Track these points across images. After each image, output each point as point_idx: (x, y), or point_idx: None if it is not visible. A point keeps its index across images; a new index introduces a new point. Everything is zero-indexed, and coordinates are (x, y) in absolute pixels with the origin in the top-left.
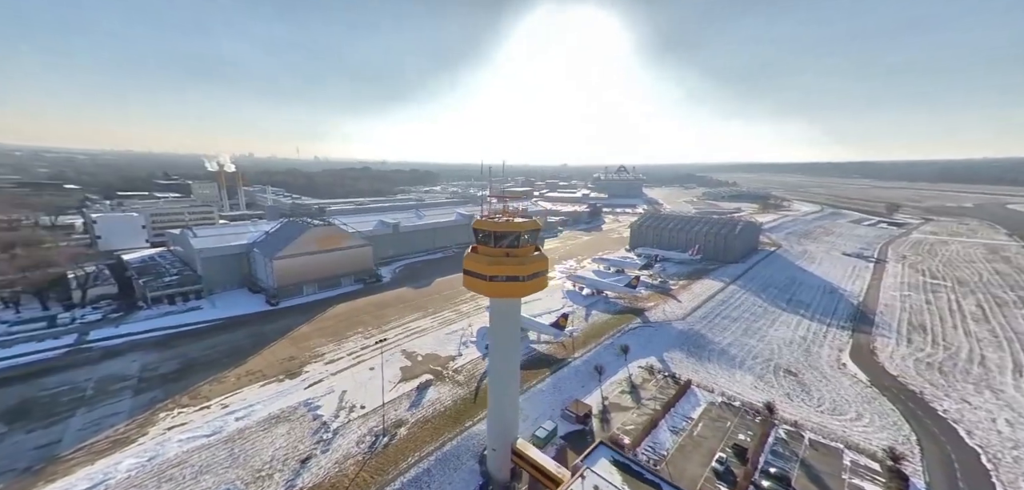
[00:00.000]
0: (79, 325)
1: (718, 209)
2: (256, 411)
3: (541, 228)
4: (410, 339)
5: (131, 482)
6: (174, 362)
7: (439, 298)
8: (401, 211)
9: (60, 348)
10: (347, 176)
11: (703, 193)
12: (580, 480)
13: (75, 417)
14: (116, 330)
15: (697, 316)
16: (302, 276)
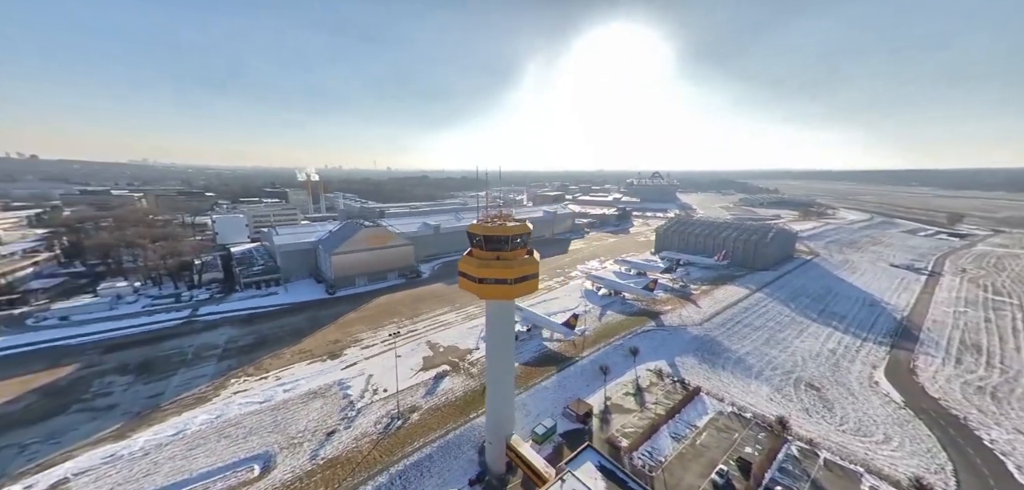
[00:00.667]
0: (193, 302)
1: (754, 215)
2: (300, 385)
3: (530, 232)
4: (436, 331)
5: (200, 434)
6: (250, 337)
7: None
8: (443, 214)
9: (178, 319)
10: (408, 183)
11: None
12: (559, 482)
13: (176, 376)
14: (217, 308)
15: (715, 322)
16: (355, 270)
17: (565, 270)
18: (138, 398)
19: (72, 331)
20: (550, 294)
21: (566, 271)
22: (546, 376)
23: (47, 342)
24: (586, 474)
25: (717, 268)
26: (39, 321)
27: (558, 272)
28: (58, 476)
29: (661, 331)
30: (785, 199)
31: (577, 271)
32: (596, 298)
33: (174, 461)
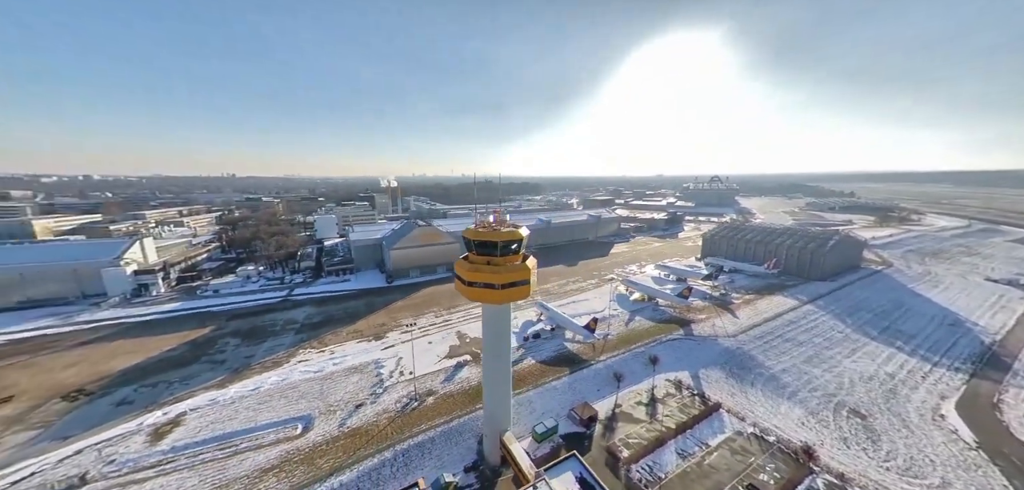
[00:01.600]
0: (291, 284)
1: (820, 220)
2: (346, 361)
3: (521, 239)
4: (467, 322)
5: (268, 393)
6: (320, 316)
7: None
8: None
9: (278, 297)
10: (472, 188)
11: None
12: (531, 488)
13: (266, 343)
14: (306, 290)
15: (752, 334)
16: (410, 263)
17: (602, 273)
18: (238, 358)
19: (217, 301)
20: (582, 295)
21: (603, 274)
22: (558, 376)
23: (202, 308)
24: (564, 482)
25: (766, 277)
26: (203, 292)
27: (594, 274)
28: (180, 410)
29: (689, 341)
30: (860, 203)
31: (614, 274)
32: (627, 303)
33: (248, 411)
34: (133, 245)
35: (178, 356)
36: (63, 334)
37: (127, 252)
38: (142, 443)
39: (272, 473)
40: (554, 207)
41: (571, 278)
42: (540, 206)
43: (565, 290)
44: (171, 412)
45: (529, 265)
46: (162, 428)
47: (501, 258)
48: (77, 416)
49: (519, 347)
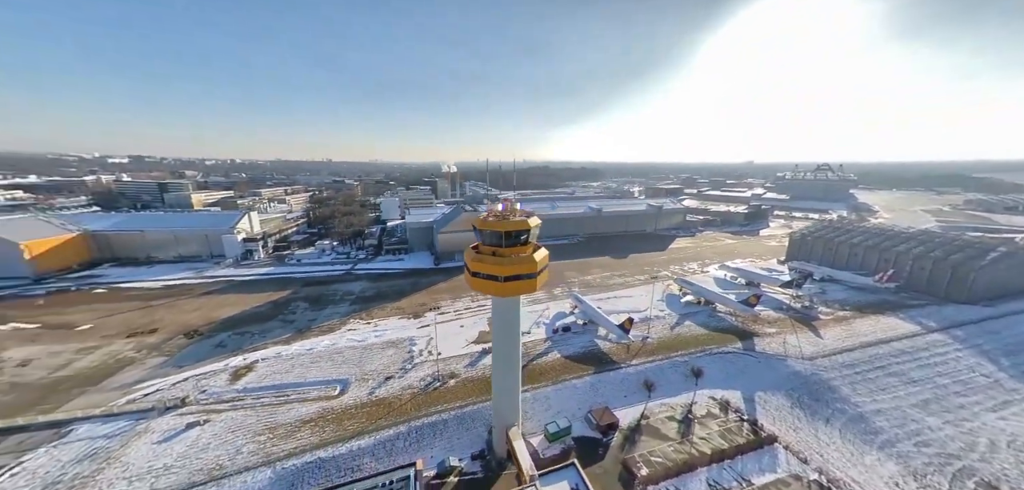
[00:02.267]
0: (355, 260)
1: (987, 224)
2: (386, 334)
3: (528, 229)
4: None
5: (319, 354)
6: (373, 291)
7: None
8: (542, 202)
9: (343, 270)
10: (530, 173)
11: (967, 201)
12: None
13: (326, 310)
14: (366, 266)
15: (838, 360)
16: (456, 247)
17: (654, 269)
18: (303, 320)
19: (298, 269)
20: (625, 291)
21: (656, 270)
22: (581, 375)
23: (286, 274)
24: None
25: (876, 292)
26: (289, 261)
27: (644, 270)
28: (254, 358)
29: (748, 357)
30: None
31: (668, 272)
32: (677, 304)
33: (301, 368)
34: (243, 218)
35: (262, 312)
36: (194, 284)
37: (238, 223)
38: (225, 380)
39: (309, 425)
40: (612, 195)
41: (618, 272)
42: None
43: (608, 284)
44: (248, 359)
45: (537, 258)
46: (240, 370)
47: (506, 249)
48: (190, 351)
49: (546, 339)
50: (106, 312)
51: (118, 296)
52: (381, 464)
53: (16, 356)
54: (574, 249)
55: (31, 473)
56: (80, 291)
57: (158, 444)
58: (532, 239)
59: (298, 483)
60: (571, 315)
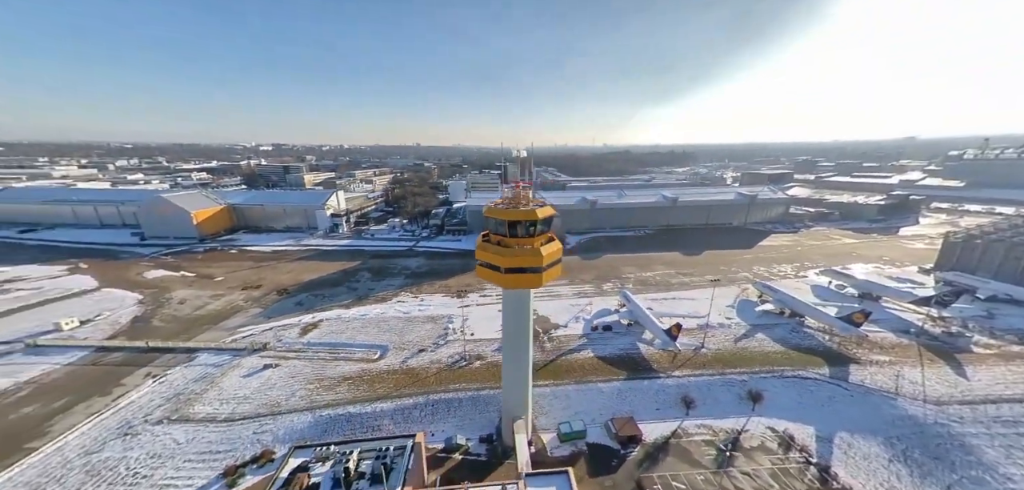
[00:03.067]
0: (417, 237)
1: None
2: (428, 309)
3: (536, 219)
4: (540, 299)
5: (370, 321)
6: (427, 268)
7: (594, 272)
8: (607, 190)
9: (405, 246)
10: (606, 158)
11: None
12: (514, 486)
13: (384, 281)
14: (427, 244)
15: (989, 412)
16: None
17: (734, 270)
18: (364, 288)
19: (370, 243)
20: (689, 292)
21: (734, 271)
22: (611, 378)
23: (359, 247)
24: None
25: None
26: (364, 235)
27: (720, 269)
28: (321, 317)
29: (834, 386)
30: None
31: (749, 273)
32: (750, 313)
33: (352, 331)
34: (332, 196)
35: (334, 279)
36: (293, 250)
37: (328, 201)
38: (296, 334)
39: (347, 382)
40: (698, 182)
41: (685, 270)
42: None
43: (670, 283)
44: (316, 318)
45: (545, 251)
46: (308, 327)
47: (512, 239)
48: (278, 306)
49: (583, 335)
50: (232, 268)
51: (242, 256)
52: (397, 428)
53: (178, 296)
54: (640, 242)
55: (169, 383)
56: (222, 250)
57: (243, 378)
58: (540, 231)
59: (329, 431)
60: (616, 313)
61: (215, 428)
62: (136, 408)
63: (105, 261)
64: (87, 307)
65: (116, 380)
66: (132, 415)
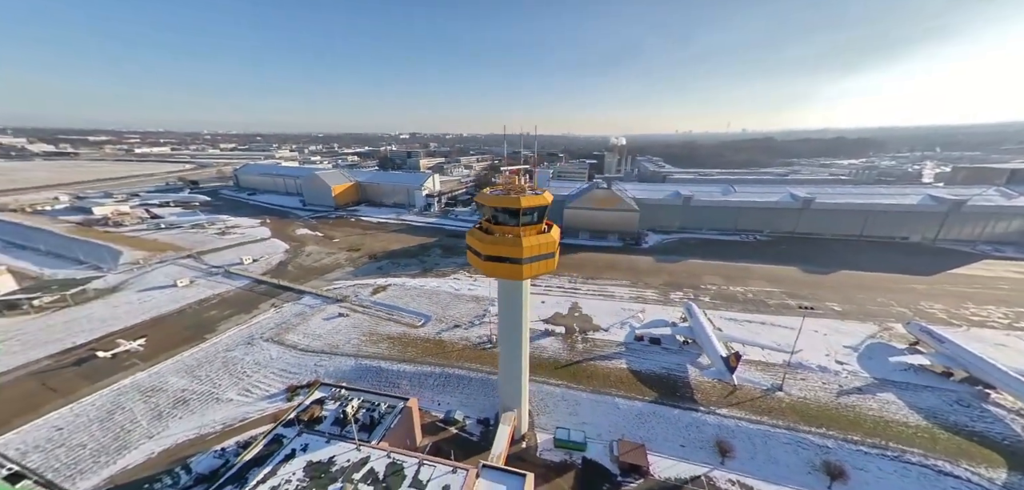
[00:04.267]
0: None
1: None
2: (476, 290)
3: (519, 207)
4: (590, 298)
5: (426, 292)
6: None
7: (664, 278)
8: (712, 184)
9: None
10: (729, 147)
11: None
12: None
13: (450, 258)
14: None
15: None
16: (580, 224)
17: (880, 302)
18: (432, 263)
19: (452, 223)
20: (789, 319)
21: (881, 304)
22: (636, 397)
23: (441, 225)
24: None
25: None
26: (449, 215)
27: (855, 298)
28: (390, 283)
29: None
30: None
31: (909, 310)
32: (883, 362)
33: (409, 298)
34: (429, 178)
35: (412, 250)
36: (391, 223)
37: (425, 182)
38: (368, 293)
39: (388, 341)
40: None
41: (798, 290)
42: (833, 175)
43: (766, 303)
44: (387, 282)
45: (526, 243)
46: (378, 288)
47: (497, 226)
48: (365, 268)
49: (623, 344)
50: (346, 233)
51: (356, 225)
52: (412, 391)
53: (308, 249)
54: (746, 250)
55: (281, 314)
56: (344, 219)
57: (322, 320)
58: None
59: (361, 377)
60: (672, 327)
61: (294, 354)
62: (258, 327)
63: (279, 219)
64: (259, 250)
65: (256, 305)
66: (254, 331)
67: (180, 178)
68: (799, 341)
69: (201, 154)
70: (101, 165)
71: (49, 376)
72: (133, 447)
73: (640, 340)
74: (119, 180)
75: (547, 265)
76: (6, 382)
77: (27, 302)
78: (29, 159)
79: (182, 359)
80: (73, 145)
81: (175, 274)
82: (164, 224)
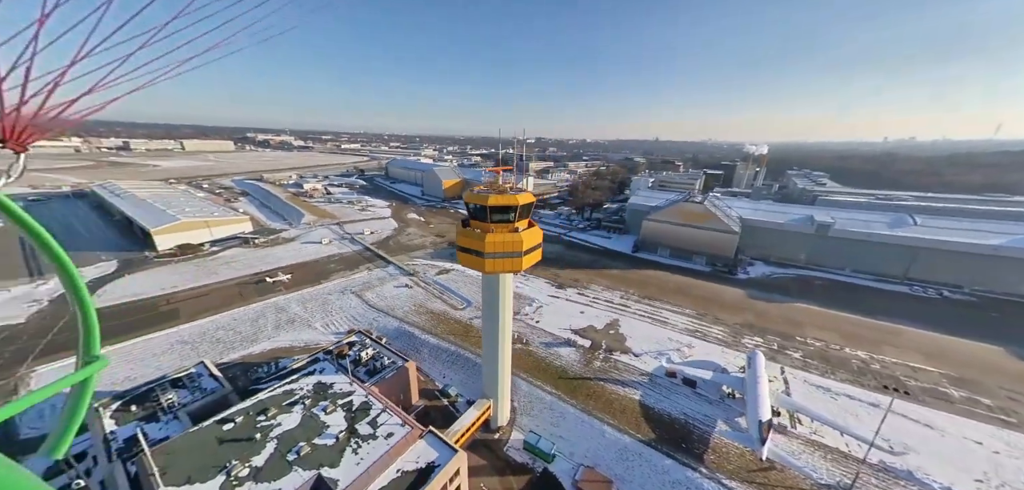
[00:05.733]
0: (572, 226)
1: None
2: (521, 288)
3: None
4: (636, 319)
5: (477, 280)
6: (555, 254)
7: (751, 318)
8: (881, 211)
9: (556, 233)
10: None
11: None
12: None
13: None
14: (577, 235)
15: None
16: (660, 239)
17: None
18: None
19: None
20: (941, 415)
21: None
22: (627, 431)
23: None
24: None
25: None
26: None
27: None
28: (454, 268)
29: None
30: None
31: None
32: None
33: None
34: (521, 180)
35: None
36: None
37: None
38: (433, 273)
39: (429, 315)
40: None
41: (989, 379)
42: None
43: (910, 385)
44: (451, 267)
45: (491, 239)
46: (442, 271)
47: (476, 220)
48: (441, 252)
49: (646, 373)
50: (441, 221)
51: (453, 215)
52: (425, 360)
53: (408, 230)
54: (907, 307)
55: (369, 276)
56: (446, 210)
57: (393, 287)
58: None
59: (397, 337)
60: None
61: (364, 308)
62: (353, 282)
63: (402, 203)
64: (378, 226)
65: (359, 265)
66: (348, 284)
67: (355, 167)
68: (932, 443)
69: (376, 150)
70: (321, 155)
71: (243, 287)
72: (259, 342)
73: (671, 376)
74: (325, 166)
75: (513, 264)
76: (224, 286)
77: (252, 240)
78: (289, 150)
79: (303, 293)
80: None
81: (324, 234)
82: (333, 199)
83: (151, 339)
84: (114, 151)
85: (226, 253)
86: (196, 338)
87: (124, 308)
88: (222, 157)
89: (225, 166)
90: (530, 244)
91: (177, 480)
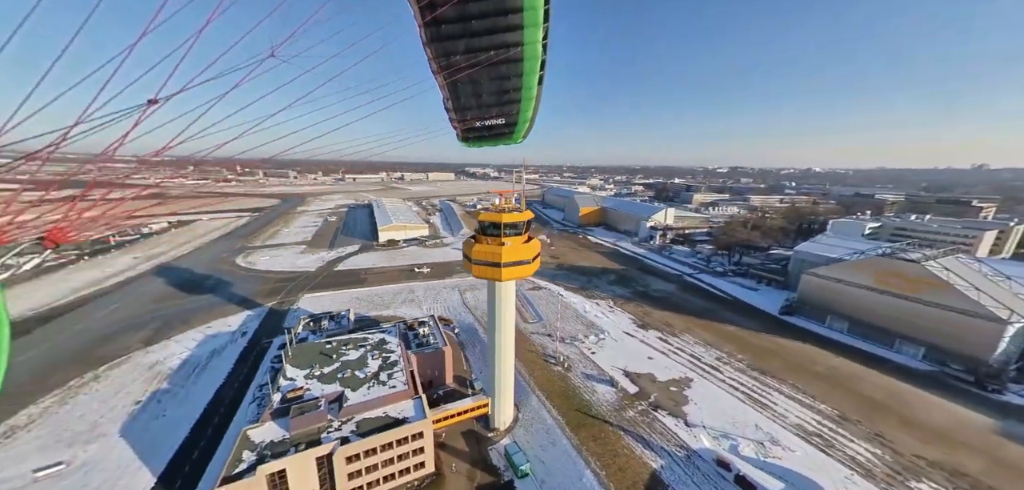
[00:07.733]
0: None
1: None
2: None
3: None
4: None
5: (562, 302)
6: (663, 294)
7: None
8: None
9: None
10: None
11: None
12: (409, 398)
13: (616, 288)
14: (706, 278)
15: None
16: (833, 304)
17: None
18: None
19: (658, 259)
20: None
21: None
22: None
23: (646, 256)
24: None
25: None
26: (664, 252)
27: None
28: (545, 287)
29: None
30: None
31: None
32: None
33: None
34: (660, 211)
35: (593, 270)
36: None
37: (655, 215)
38: (526, 288)
39: None
40: None
41: None
42: None
43: None
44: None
45: (476, 250)
46: (535, 287)
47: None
48: (548, 272)
49: (686, 450)
50: (564, 244)
51: (579, 241)
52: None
53: None
54: None
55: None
56: (575, 235)
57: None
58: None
59: (465, 330)
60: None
61: (459, 303)
62: (463, 283)
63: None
64: None
65: None
66: (460, 284)
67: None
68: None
69: (549, 178)
70: (506, 185)
71: (403, 272)
72: (389, 309)
73: (722, 466)
74: (505, 192)
75: (488, 272)
76: (396, 269)
77: (424, 241)
78: (486, 179)
79: (430, 283)
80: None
81: None
82: None
83: (347, 292)
84: (394, 179)
85: (408, 248)
86: (363, 297)
87: (343, 274)
88: (444, 184)
89: (440, 190)
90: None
91: (296, 363)
